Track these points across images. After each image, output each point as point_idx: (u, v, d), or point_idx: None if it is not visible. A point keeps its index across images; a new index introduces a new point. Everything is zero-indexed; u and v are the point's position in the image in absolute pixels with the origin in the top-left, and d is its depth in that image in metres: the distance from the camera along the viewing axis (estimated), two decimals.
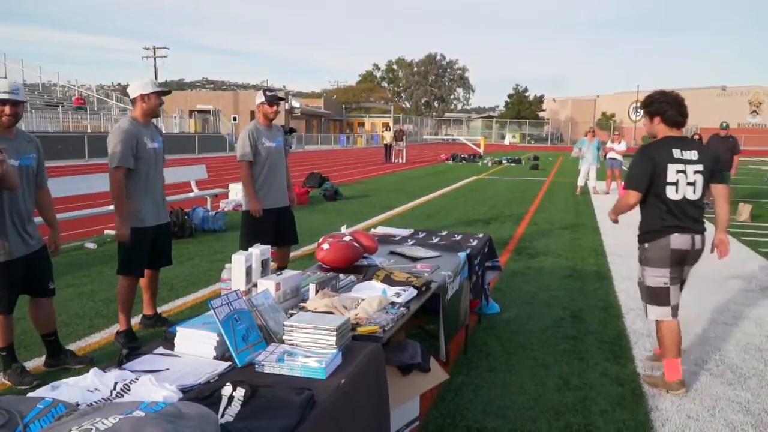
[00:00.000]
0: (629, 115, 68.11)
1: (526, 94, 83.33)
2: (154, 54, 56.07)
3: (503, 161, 30.11)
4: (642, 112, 3.93)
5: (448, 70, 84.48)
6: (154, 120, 4.69)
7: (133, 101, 4.48)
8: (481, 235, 5.02)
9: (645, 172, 3.74)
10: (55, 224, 4.14)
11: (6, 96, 3.61)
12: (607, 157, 15.80)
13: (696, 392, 3.92)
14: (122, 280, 4.49)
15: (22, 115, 3.76)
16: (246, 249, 3.04)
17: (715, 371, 4.26)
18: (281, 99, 5.55)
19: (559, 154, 41.21)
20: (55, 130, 30.08)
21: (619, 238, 9.40)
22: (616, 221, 4.21)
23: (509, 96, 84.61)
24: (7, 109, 3.62)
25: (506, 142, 66.52)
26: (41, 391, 1.82)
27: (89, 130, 30.79)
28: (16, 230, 3.74)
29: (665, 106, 3.76)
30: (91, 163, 23.58)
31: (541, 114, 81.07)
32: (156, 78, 54.04)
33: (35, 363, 4.15)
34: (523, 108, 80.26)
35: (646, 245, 3.87)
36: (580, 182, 16.00)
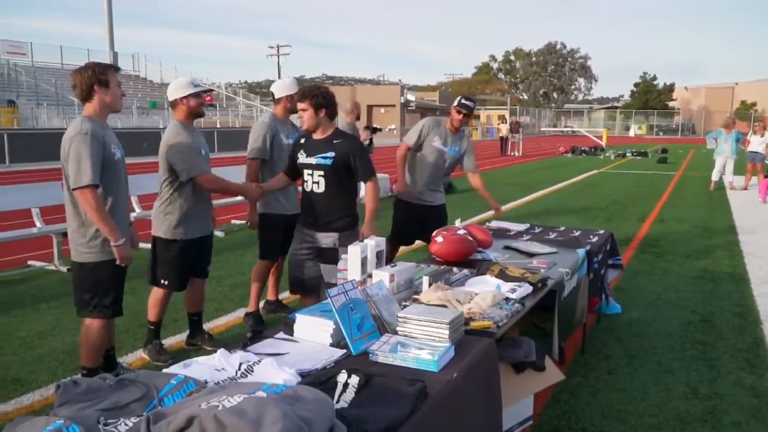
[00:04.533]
0: None
1: (655, 83, 78.53)
2: (278, 52, 58.71)
3: (627, 154, 28.57)
4: (314, 99, 3.86)
5: (569, 59, 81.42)
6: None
7: (278, 100, 4.74)
8: (602, 232, 4.81)
9: None
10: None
11: (200, 89, 4.02)
12: (748, 149, 14.57)
13: None
14: (260, 263, 4.78)
15: None
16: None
17: None
18: (471, 113, 5.30)
19: (691, 146, 38.53)
20: None
21: (759, 238, 8.65)
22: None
23: (635, 85, 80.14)
24: (203, 100, 4.06)
25: (631, 133, 63.05)
26: (174, 368, 1.97)
27: (218, 126, 32.72)
28: (202, 212, 4.13)
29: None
30: (220, 157, 25.07)
31: (670, 104, 76.06)
32: (279, 75, 56.46)
33: (167, 342, 4.49)
34: (650, 97, 75.67)
35: None
36: (715, 177, 14.87)
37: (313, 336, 2.38)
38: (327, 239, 3.89)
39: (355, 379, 1.91)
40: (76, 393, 1.67)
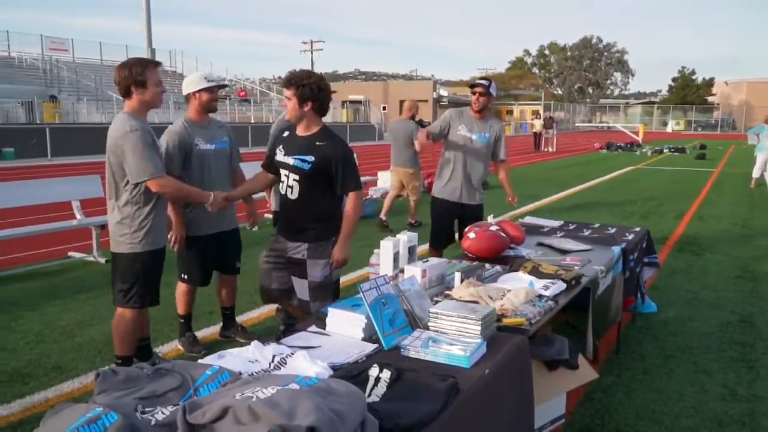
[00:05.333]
0: None
1: (694, 77, 76.72)
2: (311, 48, 58.89)
3: (664, 150, 27.98)
4: (300, 90, 3.31)
5: (605, 53, 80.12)
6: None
7: None
8: (637, 229, 4.73)
9: None
10: (251, 198, 4.51)
11: (213, 83, 4.04)
12: None
13: None
14: None
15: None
16: None
17: None
18: (486, 90, 4.87)
19: (731, 142, 37.56)
20: (224, 121, 32.63)
21: None
22: None
23: (673, 79, 78.42)
24: (215, 95, 4.07)
25: (669, 129, 61.72)
26: (209, 359, 2.00)
27: (252, 121, 33.04)
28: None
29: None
30: (254, 151, 25.29)
31: (710, 99, 74.18)
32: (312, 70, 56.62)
33: (202, 333, 4.56)
34: (689, 92, 73.92)
35: None
36: (756, 174, 14.46)
37: (345, 330, 2.39)
38: (296, 250, 3.50)
39: (386, 374, 1.91)
40: (115, 381, 1.71)
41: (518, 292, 2.77)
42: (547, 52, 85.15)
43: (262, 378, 1.72)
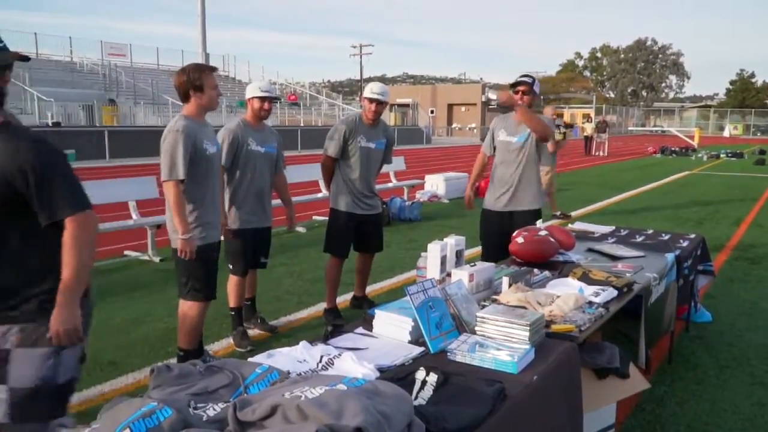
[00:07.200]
0: None
1: (753, 80, 73.94)
2: (360, 51, 59.27)
3: (721, 155, 27.05)
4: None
5: (660, 55, 77.93)
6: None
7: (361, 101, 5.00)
8: (692, 236, 4.59)
9: None
10: (290, 203, 4.86)
11: (266, 94, 4.38)
12: None
13: None
14: (329, 260, 4.90)
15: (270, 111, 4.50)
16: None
17: None
18: (529, 87, 4.49)
19: None
20: (274, 124, 33.04)
21: None
22: None
23: (731, 82, 75.77)
24: (266, 105, 4.39)
25: (726, 134, 59.47)
26: (259, 358, 2.05)
27: (302, 124, 33.42)
28: (252, 205, 4.39)
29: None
30: (303, 155, 25.62)
31: None
32: (361, 74, 57.10)
33: (250, 332, 4.65)
34: (748, 96, 71.26)
35: None
36: None
37: (391, 332, 2.40)
38: (2, 336, 2.09)
39: (433, 377, 1.92)
40: (169, 377, 1.76)
41: (567, 298, 2.72)
42: (599, 54, 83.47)
43: (311, 378, 1.75)
